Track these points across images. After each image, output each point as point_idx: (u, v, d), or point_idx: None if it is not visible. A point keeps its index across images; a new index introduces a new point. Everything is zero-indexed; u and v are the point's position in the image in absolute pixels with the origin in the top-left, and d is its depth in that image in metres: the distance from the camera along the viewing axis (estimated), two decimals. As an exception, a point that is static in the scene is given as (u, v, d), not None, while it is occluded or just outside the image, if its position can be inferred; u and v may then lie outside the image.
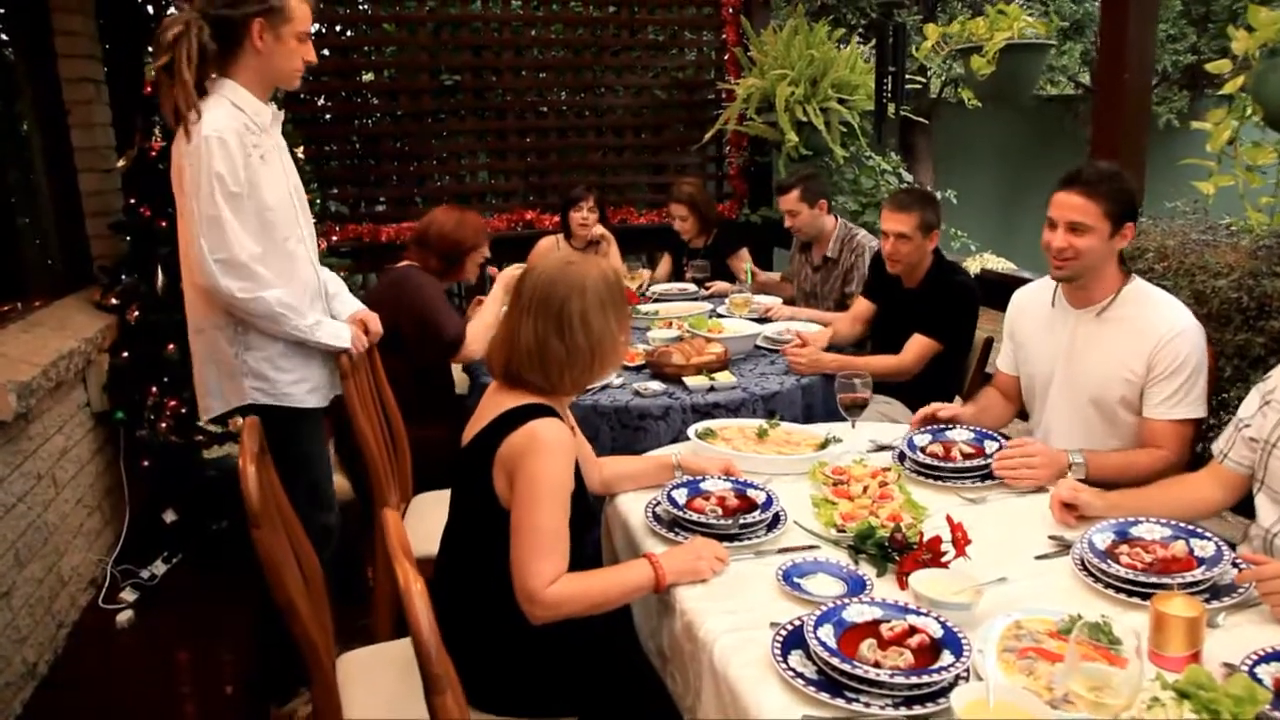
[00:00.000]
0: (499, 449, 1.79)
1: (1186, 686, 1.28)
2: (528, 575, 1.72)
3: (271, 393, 2.49)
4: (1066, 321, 2.44)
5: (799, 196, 3.95)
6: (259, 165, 2.39)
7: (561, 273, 1.86)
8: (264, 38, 2.37)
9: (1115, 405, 2.35)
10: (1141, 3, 2.94)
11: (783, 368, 3.15)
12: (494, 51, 5.32)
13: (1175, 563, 1.74)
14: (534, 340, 1.84)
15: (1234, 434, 2.04)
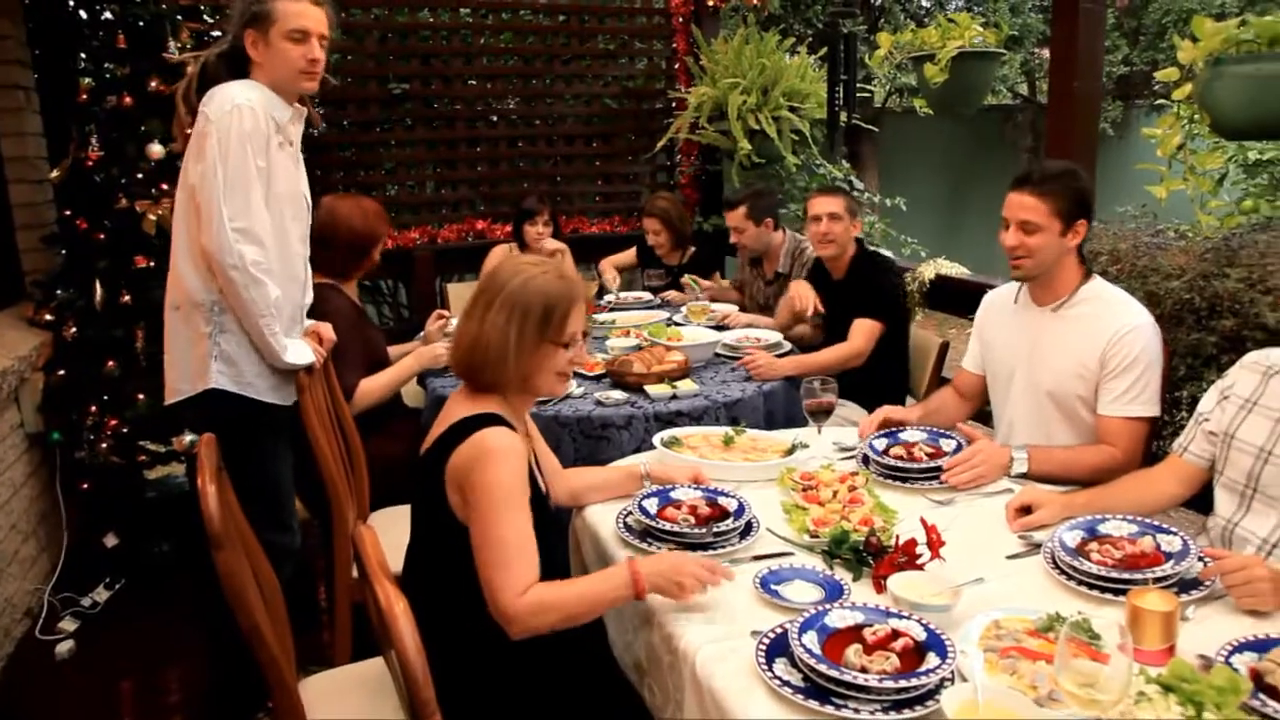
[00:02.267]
0: (449, 462, 1.76)
1: (1170, 680, 1.29)
2: (496, 591, 1.68)
3: (237, 380, 2.44)
4: (1028, 319, 2.48)
5: (745, 213, 3.95)
6: (277, 152, 2.42)
7: (524, 272, 1.85)
8: (257, 46, 2.41)
9: (1073, 401, 2.39)
10: (1090, 14, 3.01)
11: (744, 374, 3.14)
12: (443, 60, 5.25)
13: (1144, 558, 1.76)
14: (494, 338, 1.81)
15: (1194, 428, 2.08)
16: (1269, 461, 1.89)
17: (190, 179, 2.37)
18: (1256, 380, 1.96)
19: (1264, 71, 2.35)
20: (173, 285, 2.48)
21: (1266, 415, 1.91)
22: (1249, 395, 1.96)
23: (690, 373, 3.07)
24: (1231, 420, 1.97)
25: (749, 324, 3.73)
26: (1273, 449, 1.88)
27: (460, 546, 1.75)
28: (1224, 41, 2.46)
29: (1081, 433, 2.40)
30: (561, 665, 1.87)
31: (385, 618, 1.17)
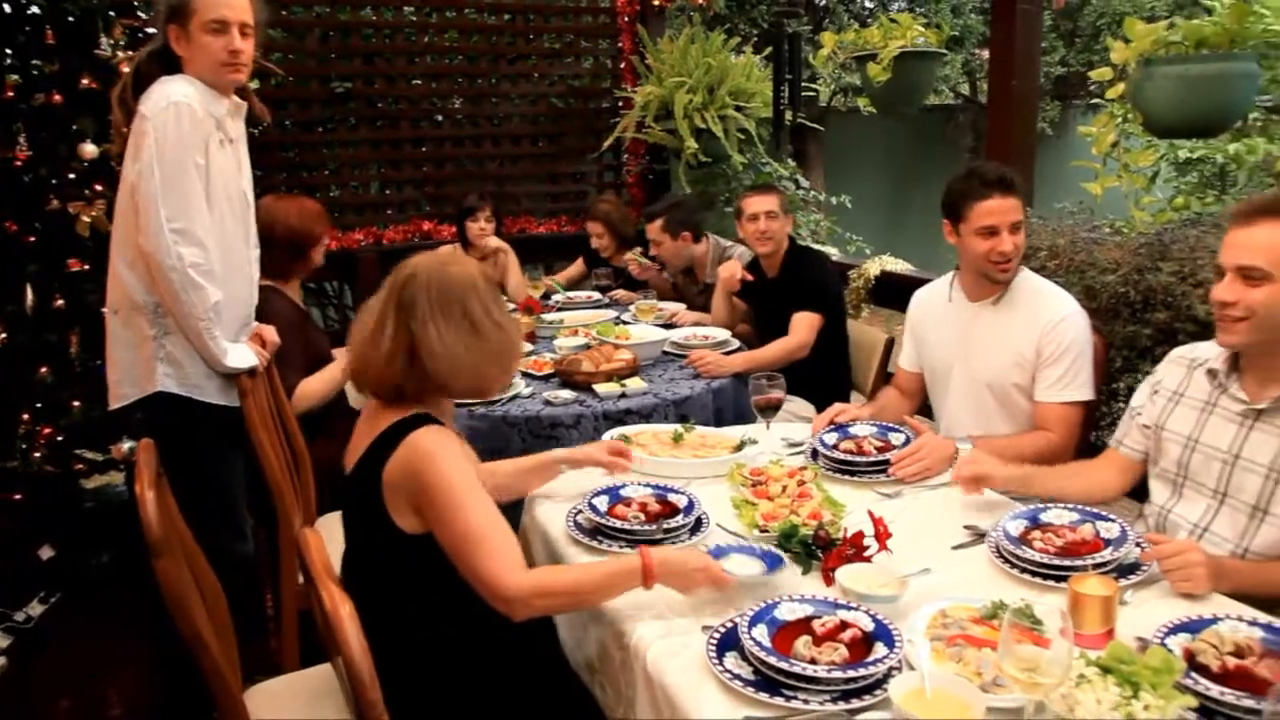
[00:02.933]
0: (384, 475, 1.71)
1: (1109, 662, 1.32)
2: (491, 577, 1.63)
3: (184, 383, 2.38)
4: (963, 314, 2.54)
5: (661, 226, 3.96)
6: (217, 150, 2.36)
7: (446, 273, 1.79)
8: (180, 41, 2.35)
9: (1010, 390, 2.45)
10: (1027, 15, 3.08)
11: (691, 372, 3.15)
12: (386, 59, 5.19)
13: (1084, 545, 1.80)
14: (443, 347, 1.75)
15: (1129, 422, 2.15)
16: (1195, 449, 1.95)
17: (129, 179, 2.31)
18: (1182, 373, 2.04)
19: (1191, 73, 2.43)
20: (111, 288, 2.42)
21: (1192, 406, 1.99)
22: (1176, 388, 2.04)
23: (639, 371, 3.08)
24: (1161, 412, 2.04)
25: (697, 322, 3.74)
26: (1199, 437, 1.95)
27: (401, 555, 1.73)
28: (1154, 43, 2.54)
29: (1019, 421, 2.47)
30: (511, 667, 1.86)
31: (331, 620, 1.15)
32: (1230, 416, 1.91)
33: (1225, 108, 2.48)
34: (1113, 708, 1.26)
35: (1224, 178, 4.76)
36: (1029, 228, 2.86)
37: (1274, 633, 1.49)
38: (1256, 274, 1.75)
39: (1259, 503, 1.85)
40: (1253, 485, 1.86)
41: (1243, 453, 1.88)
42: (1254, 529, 1.86)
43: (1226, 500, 1.91)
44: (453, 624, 1.80)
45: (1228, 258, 1.81)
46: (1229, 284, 1.79)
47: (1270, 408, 1.84)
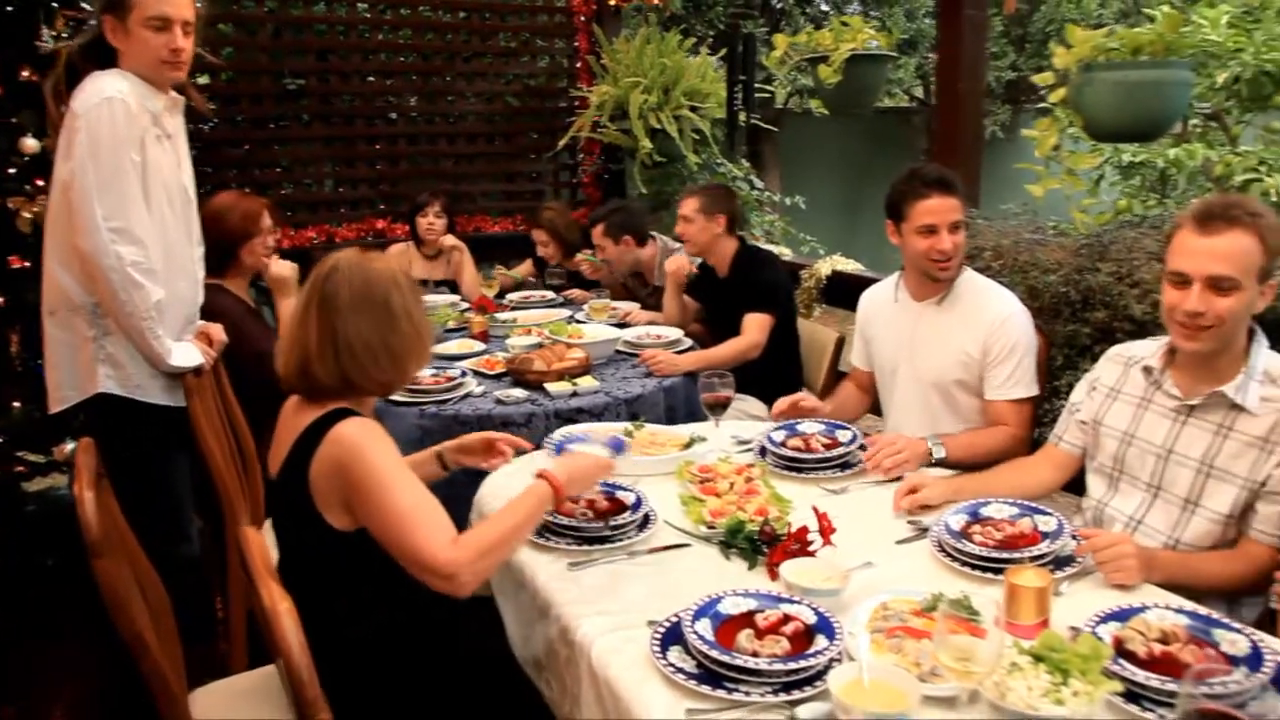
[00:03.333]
0: (311, 473, 1.70)
1: (1041, 650, 1.36)
2: (425, 553, 1.61)
3: (125, 384, 2.34)
4: (909, 313, 2.59)
5: (603, 232, 3.99)
6: (153, 144, 2.31)
7: (368, 268, 1.80)
8: (116, 34, 2.29)
9: (952, 387, 2.51)
10: (973, 20, 3.14)
11: (644, 370, 3.17)
12: (339, 55, 5.15)
13: (1022, 538, 1.85)
14: (360, 341, 1.76)
15: (1068, 419, 2.20)
16: (1131, 444, 2.01)
17: (61, 177, 2.27)
18: (1119, 371, 2.10)
19: (1130, 78, 2.50)
20: (47, 289, 2.37)
21: (1128, 402, 2.04)
22: (1113, 385, 2.09)
23: (591, 370, 3.08)
24: (1099, 408, 2.10)
25: (650, 321, 3.76)
26: (1135, 433, 2.01)
27: (334, 553, 1.73)
28: (1094, 49, 2.60)
29: (964, 418, 2.52)
30: (449, 662, 1.86)
31: (269, 618, 1.14)
32: (1164, 412, 1.97)
33: (1161, 113, 2.55)
34: (1043, 694, 1.29)
35: (1165, 182, 4.88)
36: (974, 228, 2.92)
37: (1199, 620, 1.54)
38: (1227, 284, 1.77)
39: (1190, 495, 1.91)
40: (1185, 479, 1.92)
41: (1175, 447, 1.94)
42: (1185, 521, 1.92)
43: (1160, 494, 1.97)
44: (388, 620, 1.81)
45: (1195, 267, 1.80)
46: (1200, 294, 1.79)
47: (1202, 404, 1.90)
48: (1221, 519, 1.88)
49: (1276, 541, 1.82)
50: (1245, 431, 1.85)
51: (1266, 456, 1.82)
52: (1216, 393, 1.87)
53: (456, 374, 3.02)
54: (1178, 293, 1.83)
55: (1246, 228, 1.76)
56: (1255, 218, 1.78)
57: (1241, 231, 1.76)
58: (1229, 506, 1.86)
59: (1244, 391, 1.84)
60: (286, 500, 1.76)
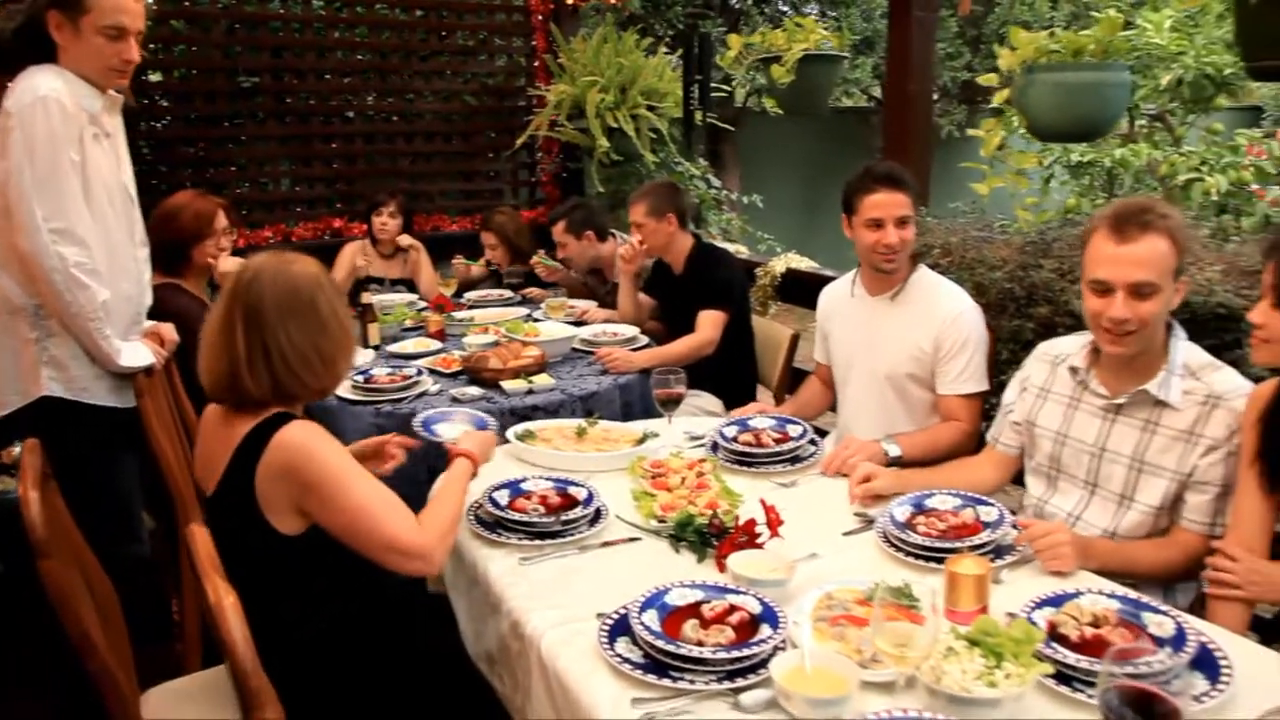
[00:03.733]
0: (256, 481, 1.69)
1: (976, 635, 1.40)
2: (400, 545, 1.69)
3: (70, 386, 2.30)
4: (865, 308, 2.64)
5: (564, 228, 4.01)
6: (91, 144, 2.25)
7: (291, 273, 1.79)
8: (63, 31, 2.22)
9: (905, 381, 2.56)
10: (922, 22, 3.20)
11: (600, 368, 3.19)
12: (295, 53, 5.10)
13: (965, 528, 1.89)
14: (292, 349, 1.74)
15: (1002, 420, 2.26)
16: (1066, 444, 2.07)
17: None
18: (1048, 370, 2.15)
19: (1069, 80, 2.57)
20: None
21: (1058, 401, 2.10)
22: (1043, 384, 2.15)
23: (547, 367, 3.10)
24: (1031, 408, 2.16)
25: (607, 319, 3.78)
26: (1067, 432, 2.07)
27: (283, 559, 1.74)
28: (1036, 51, 2.67)
29: (916, 411, 2.57)
30: (412, 662, 1.87)
31: (214, 611, 1.15)
32: (1094, 411, 2.03)
33: (1101, 113, 2.62)
34: (976, 677, 1.33)
35: (1112, 181, 5.00)
36: (923, 226, 2.97)
37: (1129, 604, 1.59)
38: (1148, 289, 1.82)
39: (1125, 491, 1.98)
40: (1119, 475, 1.98)
41: (1107, 445, 2.00)
42: (1121, 515, 1.99)
43: (1096, 490, 2.03)
44: (338, 621, 1.82)
45: (1116, 275, 1.83)
46: (1124, 301, 1.83)
47: (1128, 402, 1.95)
48: (1154, 511, 1.94)
49: (1205, 529, 1.89)
50: (1170, 426, 1.91)
51: (1192, 448, 1.89)
52: (1141, 390, 1.93)
53: (412, 372, 3.02)
54: (1100, 300, 1.88)
55: (1160, 231, 1.81)
56: (1166, 220, 1.83)
57: (1156, 236, 1.81)
58: (1160, 499, 1.93)
59: (1166, 387, 1.90)
60: (228, 510, 1.73)
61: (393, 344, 3.52)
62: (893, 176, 2.47)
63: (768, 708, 1.37)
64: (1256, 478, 1.78)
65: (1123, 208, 1.88)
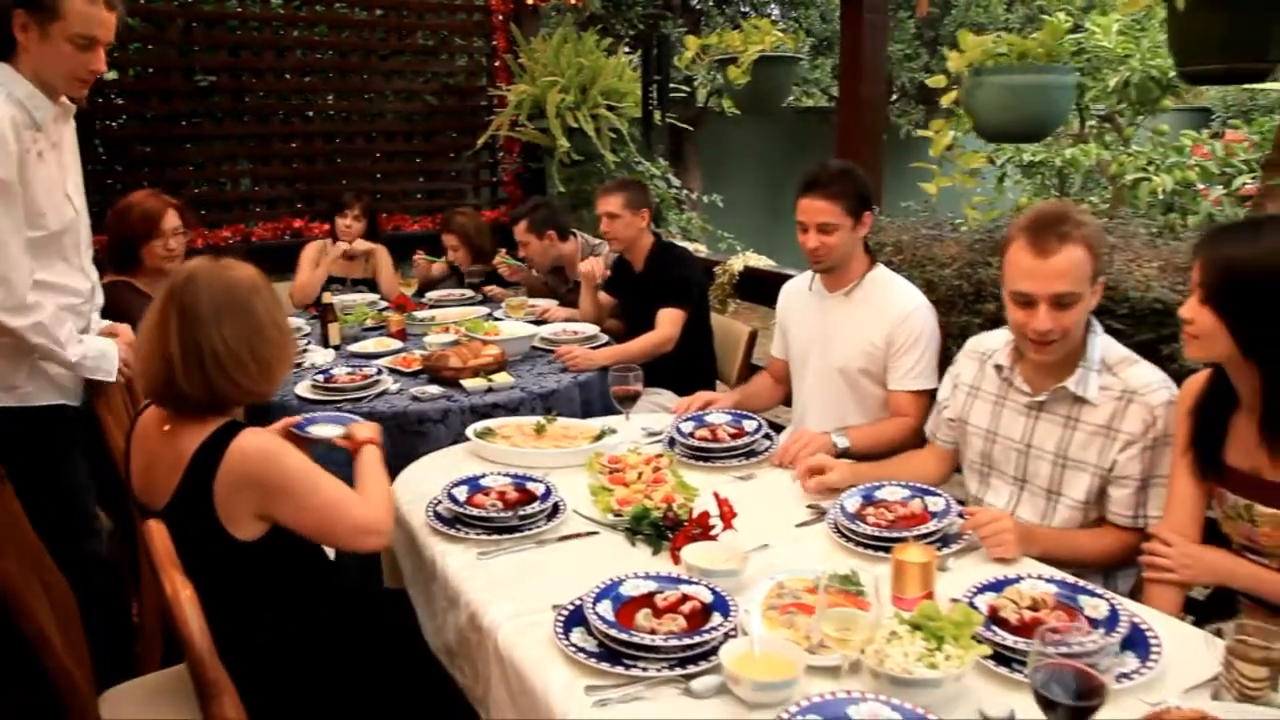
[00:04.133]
0: (215, 492, 1.70)
1: (918, 619, 1.45)
2: (364, 526, 1.79)
3: (14, 393, 2.27)
4: (821, 304, 2.70)
5: (526, 228, 4.03)
6: (35, 163, 2.18)
7: (228, 276, 1.80)
8: (28, 32, 2.14)
9: (858, 375, 2.62)
10: (874, 24, 3.26)
11: (559, 366, 3.22)
12: (253, 52, 5.07)
13: (913, 518, 1.95)
14: (226, 351, 1.74)
15: (937, 416, 2.33)
16: (995, 441, 2.13)
17: None
18: (976, 368, 2.22)
19: (1014, 82, 2.64)
20: None
21: (987, 399, 2.17)
22: (972, 382, 2.21)
23: (506, 366, 3.12)
24: (962, 406, 2.22)
25: (568, 318, 3.81)
26: (996, 430, 2.13)
27: (242, 565, 1.75)
28: (984, 54, 2.74)
29: (869, 404, 2.63)
30: (372, 656, 1.90)
31: (172, 604, 1.17)
32: (1019, 409, 2.09)
33: (1045, 115, 2.70)
34: (918, 659, 1.38)
35: (1063, 180, 5.12)
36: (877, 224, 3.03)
37: (1067, 588, 1.65)
38: (1069, 299, 1.87)
39: (1052, 486, 2.05)
40: (1045, 471, 2.05)
41: (1033, 442, 2.06)
42: (1051, 510, 2.06)
43: (1026, 486, 2.10)
44: (299, 622, 1.84)
45: (1038, 288, 1.87)
46: (1046, 313, 1.87)
47: (1049, 399, 2.02)
48: (1081, 505, 2.01)
49: (1130, 522, 1.95)
50: (1090, 421, 1.98)
51: (1111, 443, 1.95)
52: (1060, 388, 1.99)
53: (373, 372, 3.03)
54: (1023, 312, 1.92)
55: (1076, 241, 1.85)
56: (1081, 228, 1.87)
57: (1073, 246, 1.85)
58: (1085, 493, 2.00)
59: (1084, 384, 1.97)
60: (184, 522, 1.72)
61: (353, 344, 3.52)
62: (816, 181, 2.51)
63: (718, 693, 1.41)
64: (1188, 466, 1.84)
65: (1039, 219, 1.91)
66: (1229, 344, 1.67)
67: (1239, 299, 1.65)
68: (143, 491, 1.82)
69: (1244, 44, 2.10)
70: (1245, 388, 1.73)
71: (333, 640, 1.87)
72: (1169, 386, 1.94)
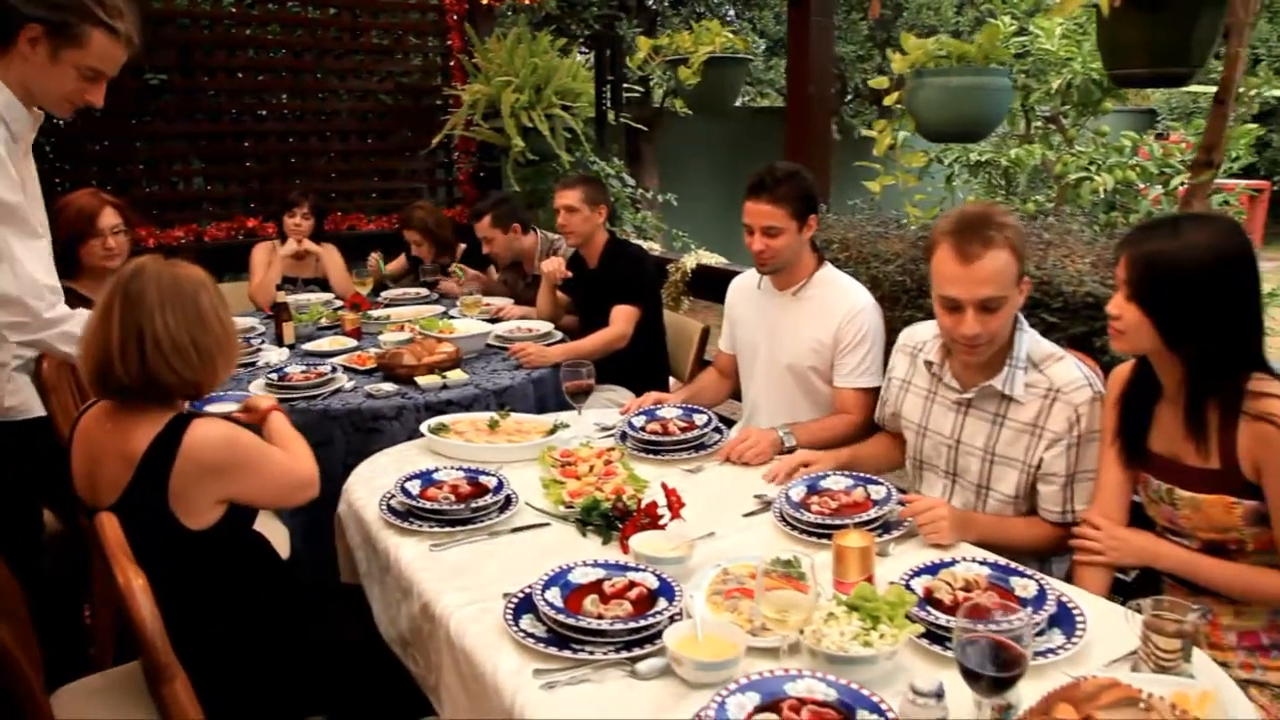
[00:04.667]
0: (171, 485, 1.73)
1: (855, 601, 1.51)
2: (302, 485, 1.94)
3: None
4: (770, 302, 2.75)
5: (490, 223, 4.07)
6: (23, 161, 2.20)
7: (176, 271, 1.84)
8: (36, 48, 2.07)
9: (807, 373, 2.68)
10: (820, 27, 3.33)
11: (514, 363, 3.25)
12: (204, 51, 5.04)
13: (855, 506, 2.02)
14: (167, 337, 1.76)
15: (881, 409, 2.41)
16: (926, 436, 2.20)
17: None
18: (908, 362, 2.29)
19: (953, 83, 2.72)
20: None
21: (918, 394, 2.24)
22: (905, 377, 2.28)
23: (461, 363, 3.15)
24: (896, 399, 2.30)
25: (522, 316, 3.84)
26: (927, 424, 2.20)
27: (194, 553, 1.78)
28: (925, 56, 2.81)
29: (817, 400, 2.69)
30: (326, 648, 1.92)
31: (124, 593, 1.19)
32: (948, 405, 2.16)
33: (983, 115, 2.78)
34: (853, 637, 1.44)
35: (1009, 179, 5.24)
36: (825, 222, 3.10)
37: (999, 569, 1.73)
38: (996, 303, 1.93)
39: (981, 481, 2.11)
40: (974, 466, 2.12)
41: (962, 437, 2.13)
42: (981, 505, 2.13)
43: (957, 480, 2.17)
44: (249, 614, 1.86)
45: (964, 294, 1.91)
46: (973, 317, 1.92)
47: (977, 396, 2.08)
48: (1010, 499, 2.08)
49: (1058, 518, 2.02)
50: (1016, 419, 2.04)
51: (1037, 441, 2.02)
52: (987, 385, 2.05)
53: (327, 370, 3.04)
54: (951, 317, 1.97)
55: (1000, 245, 1.90)
56: (1004, 230, 1.91)
57: (997, 250, 1.90)
58: (1014, 489, 2.07)
59: (1010, 382, 2.03)
60: (136, 516, 1.73)
61: (308, 342, 3.52)
62: (760, 184, 2.56)
63: (662, 674, 1.46)
64: (1116, 454, 1.92)
65: (963, 222, 1.94)
66: (1154, 337, 1.73)
67: (1162, 294, 1.70)
68: (86, 490, 1.83)
69: (1167, 49, 2.19)
70: (1168, 378, 1.80)
71: (286, 632, 1.89)
72: (1092, 384, 2.01)
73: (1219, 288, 1.68)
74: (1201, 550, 1.79)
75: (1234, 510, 1.72)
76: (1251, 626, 1.77)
